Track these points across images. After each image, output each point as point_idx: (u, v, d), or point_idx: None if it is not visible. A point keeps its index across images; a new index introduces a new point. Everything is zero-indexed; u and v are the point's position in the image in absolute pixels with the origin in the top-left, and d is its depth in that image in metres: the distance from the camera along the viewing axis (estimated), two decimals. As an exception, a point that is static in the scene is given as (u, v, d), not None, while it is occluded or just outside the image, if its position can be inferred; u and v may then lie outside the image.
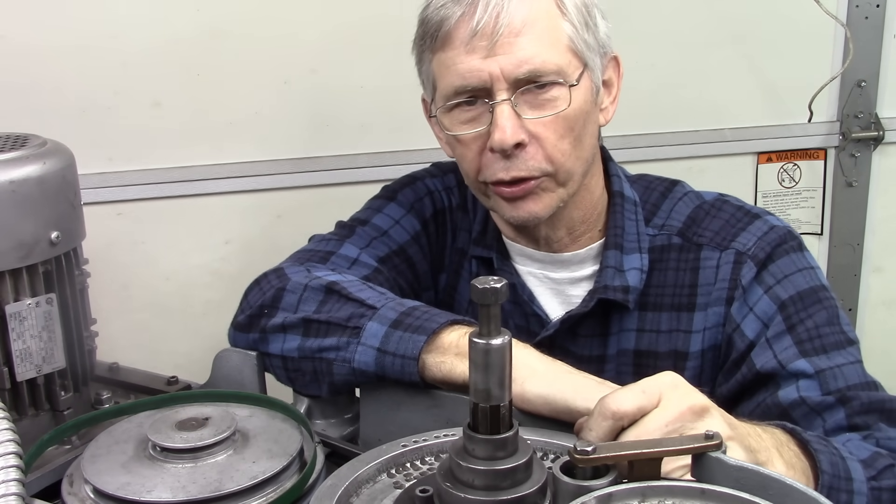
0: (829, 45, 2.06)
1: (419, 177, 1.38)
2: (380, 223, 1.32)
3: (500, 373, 0.74)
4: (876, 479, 0.98)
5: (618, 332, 1.23)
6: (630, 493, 0.72)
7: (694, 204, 1.26)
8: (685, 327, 1.21)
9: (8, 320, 1.09)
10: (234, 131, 1.86)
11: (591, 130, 1.20)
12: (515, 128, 1.12)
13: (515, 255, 1.29)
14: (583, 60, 1.16)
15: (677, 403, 0.84)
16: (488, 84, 1.12)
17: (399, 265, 1.30)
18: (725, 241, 1.21)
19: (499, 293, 0.72)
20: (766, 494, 0.71)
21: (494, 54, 1.11)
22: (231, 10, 1.80)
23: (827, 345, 1.13)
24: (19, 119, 1.45)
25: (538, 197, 1.17)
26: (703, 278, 1.21)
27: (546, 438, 0.92)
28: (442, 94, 1.18)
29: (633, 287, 1.21)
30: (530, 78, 1.12)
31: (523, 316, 1.28)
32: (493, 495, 0.75)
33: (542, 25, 1.12)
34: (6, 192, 1.08)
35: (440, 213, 1.35)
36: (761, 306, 1.16)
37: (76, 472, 0.97)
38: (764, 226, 1.21)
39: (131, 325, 1.84)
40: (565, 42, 1.14)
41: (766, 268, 1.18)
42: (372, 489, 0.86)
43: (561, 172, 1.16)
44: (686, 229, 1.24)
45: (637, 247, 1.23)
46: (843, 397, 1.09)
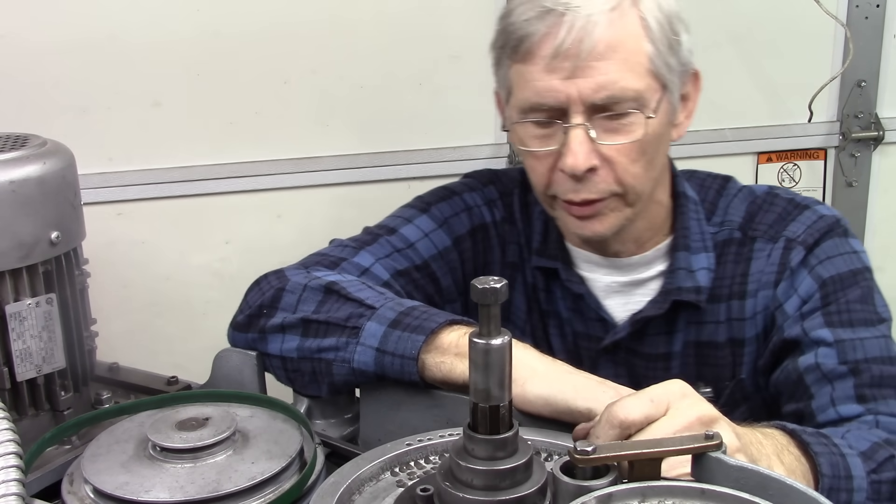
0: (829, 45, 2.06)
1: (457, 191, 1.35)
2: (408, 234, 1.30)
3: (499, 373, 0.74)
4: (876, 471, 0.98)
5: (683, 329, 1.25)
6: (630, 493, 0.72)
7: (748, 199, 1.28)
8: (738, 315, 1.24)
9: (8, 320, 1.09)
10: (234, 131, 1.86)
11: (664, 150, 1.21)
12: (588, 153, 1.12)
13: (581, 262, 1.30)
14: (662, 83, 1.15)
15: (685, 413, 0.83)
16: (565, 105, 1.12)
17: (419, 280, 1.28)
18: (777, 233, 1.24)
19: (498, 293, 0.72)
20: (766, 494, 0.71)
21: (574, 77, 1.10)
22: (231, 10, 1.80)
23: (854, 319, 1.16)
24: (19, 119, 1.45)
25: (605, 217, 1.18)
26: (754, 267, 1.23)
27: (546, 438, 0.92)
28: (517, 106, 1.18)
29: (704, 287, 1.23)
30: (607, 104, 1.11)
31: (584, 322, 1.29)
32: (493, 495, 0.75)
33: (625, 49, 1.11)
34: (6, 192, 1.08)
35: (480, 228, 1.33)
36: (804, 286, 1.20)
37: (76, 472, 0.97)
38: (813, 215, 1.24)
39: (131, 325, 1.84)
40: (646, 65, 1.12)
41: (812, 251, 1.21)
42: (375, 487, 0.86)
43: (630, 194, 1.17)
44: (745, 224, 1.26)
45: (703, 246, 1.26)
46: (855, 368, 1.11)
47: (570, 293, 1.29)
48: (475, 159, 1.96)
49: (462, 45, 1.91)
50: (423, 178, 1.94)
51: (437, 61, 1.91)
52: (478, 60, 1.93)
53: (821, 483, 0.92)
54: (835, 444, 0.97)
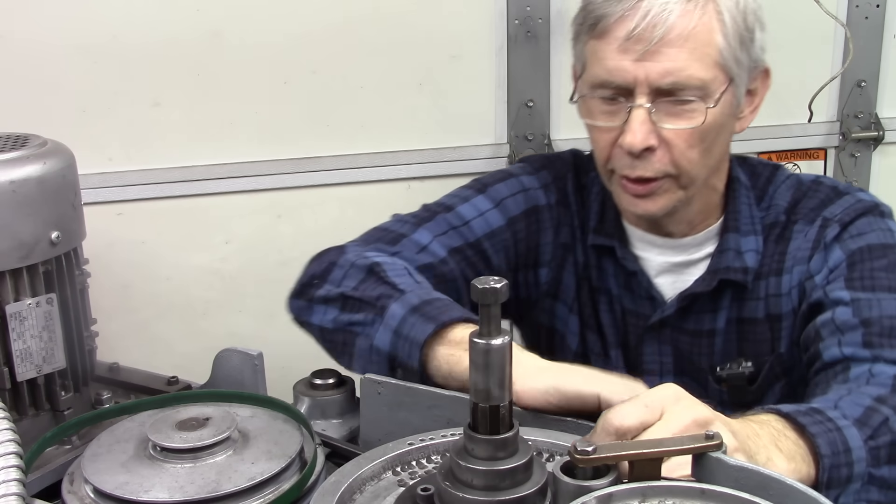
0: (829, 45, 2.06)
1: (514, 173, 1.41)
2: (464, 213, 1.35)
3: (500, 373, 0.74)
4: (873, 437, 0.98)
5: (727, 306, 1.30)
6: (630, 493, 0.72)
7: (795, 187, 1.33)
8: (775, 291, 1.29)
9: (8, 320, 1.09)
10: (234, 131, 1.86)
11: (724, 140, 1.26)
12: (646, 133, 1.18)
13: (636, 241, 1.35)
14: (729, 76, 1.20)
15: (680, 417, 0.83)
16: (631, 86, 1.17)
17: (471, 257, 1.33)
18: (817, 215, 1.29)
19: (498, 293, 0.72)
20: (766, 494, 0.71)
21: (644, 60, 1.16)
22: (231, 10, 1.80)
23: (877, 285, 1.19)
24: (19, 119, 1.45)
25: (657, 197, 1.24)
26: (792, 246, 1.29)
27: (547, 438, 0.92)
28: (588, 81, 1.23)
29: (751, 268, 1.29)
30: (672, 89, 1.17)
31: (634, 299, 1.35)
32: (493, 495, 0.75)
33: (695, 40, 1.16)
34: (6, 192, 1.08)
35: (533, 210, 1.38)
36: (834, 258, 1.24)
37: (77, 471, 0.97)
38: (852, 199, 1.29)
39: (131, 325, 1.84)
40: (715, 57, 1.17)
41: (846, 228, 1.26)
42: (376, 486, 0.86)
43: (684, 177, 1.22)
44: (789, 209, 1.31)
45: (752, 229, 1.31)
46: (867, 321, 1.14)
47: (623, 271, 1.35)
48: (475, 159, 1.96)
49: (462, 45, 1.92)
50: (423, 178, 1.94)
51: (437, 61, 1.91)
52: (478, 60, 1.95)
53: (821, 464, 0.92)
54: (829, 418, 0.97)
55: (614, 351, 1.38)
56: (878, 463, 0.98)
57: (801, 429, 0.94)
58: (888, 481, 0.98)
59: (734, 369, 1.30)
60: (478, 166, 1.95)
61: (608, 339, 1.38)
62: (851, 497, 0.95)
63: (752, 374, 1.30)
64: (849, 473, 0.94)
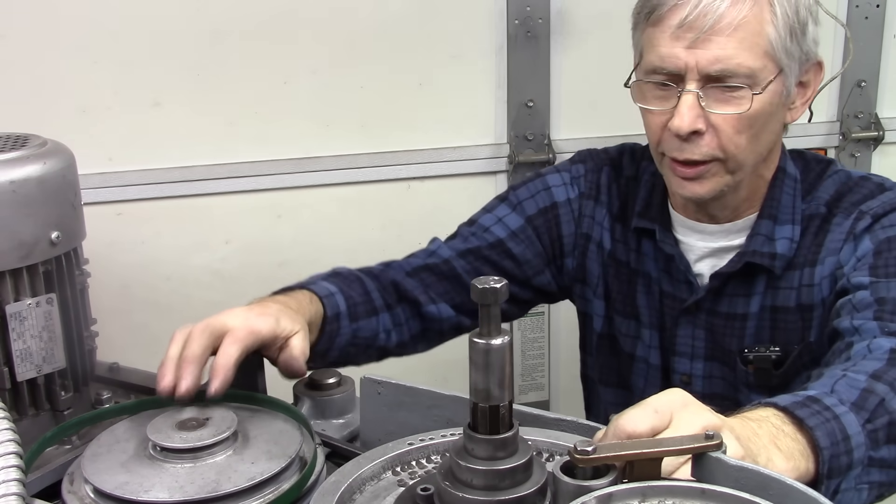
0: (829, 45, 2.05)
1: (543, 173, 1.52)
2: (484, 222, 1.47)
3: (499, 373, 0.74)
4: (870, 420, 0.99)
5: (761, 292, 1.34)
6: (630, 493, 0.72)
7: (842, 181, 1.36)
8: (808, 282, 1.32)
9: (8, 320, 1.09)
10: (234, 131, 1.86)
11: (773, 128, 1.30)
12: (694, 117, 1.23)
13: (677, 226, 1.40)
14: (779, 66, 1.24)
15: (690, 423, 0.82)
16: (682, 72, 1.23)
17: (490, 256, 1.45)
18: (855, 209, 1.31)
19: (498, 293, 0.72)
20: (766, 494, 0.71)
21: (695, 47, 1.21)
22: (231, 10, 1.80)
23: None
24: (19, 119, 1.45)
25: (705, 181, 1.28)
26: (829, 238, 1.32)
27: (547, 438, 0.92)
28: (643, 67, 1.29)
29: (781, 254, 1.32)
30: (720, 76, 1.21)
31: (672, 283, 1.40)
32: (493, 495, 0.75)
33: (746, 29, 1.20)
34: (6, 192, 1.08)
35: (552, 207, 1.48)
36: (863, 248, 1.27)
37: (76, 471, 0.97)
38: (893, 194, 1.31)
39: (131, 325, 1.84)
40: (765, 47, 1.22)
41: (878, 220, 1.28)
42: (376, 486, 0.86)
43: (731, 161, 1.27)
44: (832, 202, 1.34)
45: (791, 218, 1.34)
46: (881, 300, 1.17)
47: (663, 254, 1.40)
48: (475, 159, 1.96)
49: (462, 45, 1.92)
50: (423, 178, 1.94)
51: (437, 61, 1.91)
52: (478, 60, 1.95)
53: (821, 456, 0.92)
54: (827, 406, 0.97)
55: (648, 332, 1.44)
56: (877, 445, 0.98)
57: (800, 422, 0.94)
58: (888, 461, 0.99)
59: (761, 352, 1.35)
60: (478, 166, 1.95)
61: (643, 320, 1.44)
62: (853, 481, 0.96)
63: (779, 359, 1.34)
64: (849, 461, 0.95)
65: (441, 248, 1.45)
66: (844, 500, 0.95)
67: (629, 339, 1.46)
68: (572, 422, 0.95)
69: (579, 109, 1.65)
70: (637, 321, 1.45)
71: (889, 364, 1.06)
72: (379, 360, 1.41)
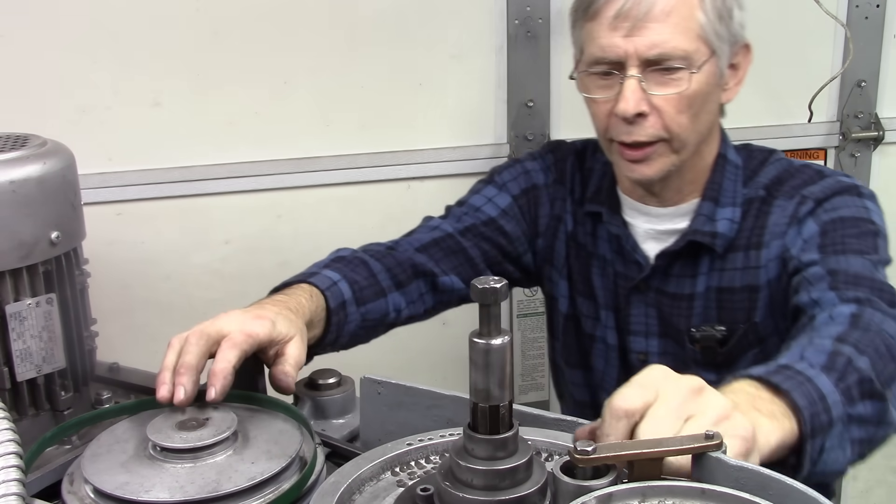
0: (829, 45, 2.05)
1: (521, 160, 1.61)
2: (474, 202, 1.55)
3: (499, 373, 0.74)
4: (842, 379, 1.01)
5: (706, 273, 1.43)
6: (630, 493, 0.72)
7: (783, 167, 1.44)
8: (754, 263, 1.39)
9: (8, 320, 1.09)
10: (234, 131, 1.86)
11: (710, 108, 1.38)
12: (638, 100, 1.31)
13: (626, 209, 1.49)
14: (711, 48, 1.33)
15: (676, 389, 0.83)
16: (623, 59, 1.31)
17: (487, 233, 1.53)
18: (797, 192, 1.39)
19: (499, 293, 0.73)
20: (766, 494, 0.71)
21: (632, 35, 1.30)
22: (231, 10, 1.80)
23: (847, 249, 1.28)
24: (19, 119, 1.45)
25: (652, 161, 1.36)
26: (771, 221, 1.39)
27: (546, 438, 0.92)
28: (585, 60, 1.37)
29: (722, 234, 1.40)
30: (658, 60, 1.30)
31: (624, 263, 1.49)
32: (493, 495, 0.75)
33: (678, 14, 1.30)
34: (6, 192, 1.09)
35: (533, 188, 1.57)
36: (808, 231, 1.34)
37: (76, 471, 0.97)
38: (833, 180, 1.39)
39: (131, 325, 1.84)
40: (697, 31, 1.31)
41: (821, 205, 1.35)
42: (375, 487, 0.86)
43: (676, 141, 1.35)
44: (771, 185, 1.42)
45: (732, 201, 1.42)
46: (833, 271, 1.24)
47: (614, 236, 1.49)
48: (475, 159, 1.96)
49: (462, 45, 1.92)
50: (423, 178, 1.94)
51: (437, 61, 1.91)
52: (478, 60, 1.95)
53: (802, 415, 0.93)
54: (799, 371, 0.98)
55: (605, 312, 1.52)
56: (853, 402, 1.01)
57: (775, 387, 0.96)
58: (865, 417, 1.02)
59: (707, 331, 1.43)
60: (478, 166, 1.95)
61: (599, 301, 1.52)
62: (836, 439, 0.97)
63: (725, 338, 1.42)
64: (829, 419, 0.96)
65: (443, 224, 1.51)
66: (830, 460, 0.97)
67: (590, 319, 1.54)
68: (572, 422, 0.95)
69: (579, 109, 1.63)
70: (595, 302, 1.53)
71: (851, 327, 1.10)
72: (384, 333, 1.46)
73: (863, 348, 1.06)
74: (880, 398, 1.04)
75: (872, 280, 1.22)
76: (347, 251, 1.42)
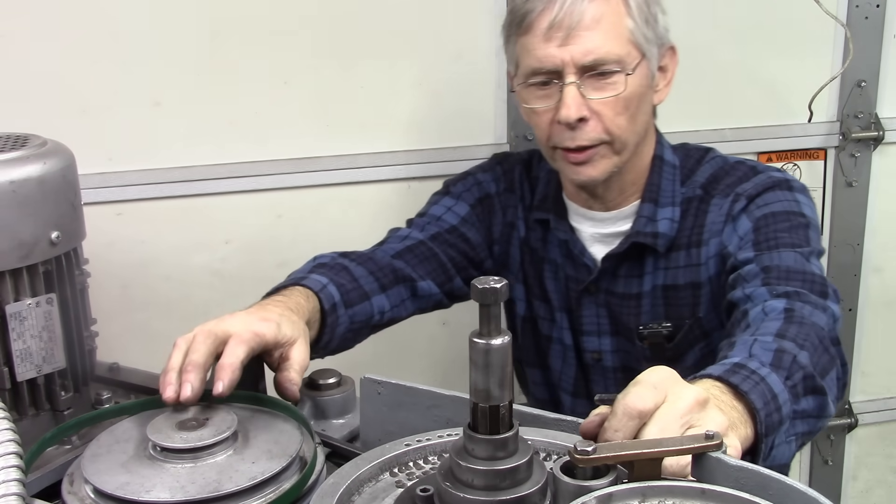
0: (829, 45, 2.05)
1: (472, 172, 1.66)
2: (435, 212, 1.60)
3: (499, 373, 0.74)
4: (789, 377, 1.04)
5: (652, 272, 1.48)
6: (630, 493, 0.72)
7: (718, 165, 1.50)
8: (695, 261, 1.45)
9: (8, 320, 1.09)
10: (234, 131, 1.86)
11: (645, 109, 1.44)
12: (579, 105, 1.36)
13: (572, 215, 1.55)
14: (641, 51, 1.38)
15: (685, 397, 0.84)
16: (560, 68, 1.36)
17: (451, 240, 1.57)
18: (731, 190, 1.44)
19: (498, 293, 0.73)
20: (766, 494, 0.71)
21: (567, 44, 1.34)
22: (231, 10, 1.80)
23: (780, 244, 1.33)
24: (19, 119, 1.45)
25: (596, 163, 1.41)
26: (709, 219, 1.45)
27: (546, 438, 0.92)
28: (522, 73, 1.42)
29: (663, 233, 1.46)
30: (594, 65, 1.35)
31: (574, 267, 1.54)
32: (493, 495, 0.75)
33: (608, 21, 1.35)
34: (6, 192, 1.09)
35: (487, 197, 1.62)
36: (742, 228, 1.39)
37: (77, 471, 0.97)
38: (765, 176, 1.44)
39: (131, 325, 1.84)
40: (627, 36, 1.36)
41: (753, 200, 1.41)
42: (374, 488, 0.86)
43: (616, 142, 1.40)
44: (708, 184, 1.47)
45: (671, 201, 1.47)
46: (767, 268, 1.29)
47: (562, 241, 1.54)
48: (475, 159, 1.95)
49: (462, 45, 1.92)
50: (423, 178, 1.94)
51: (437, 61, 1.91)
52: (478, 60, 1.94)
53: (758, 417, 0.95)
54: (753, 370, 1.01)
55: (559, 314, 1.57)
56: (798, 398, 1.05)
57: (734, 388, 0.97)
58: (808, 411, 1.06)
59: (654, 328, 1.48)
60: (478, 166, 1.95)
61: (553, 303, 1.58)
62: (784, 436, 1.01)
63: (671, 334, 1.48)
64: (779, 418, 0.99)
65: (412, 233, 1.55)
66: (778, 455, 1.00)
67: (546, 321, 1.60)
68: (572, 422, 0.95)
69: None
70: (549, 304, 1.58)
71: (787, 322, 1.15)
72: (369, 336, 1.48)
73: (801, 343, 1.10)
74: (821, 392, 1.08)
75: (804, 273, 1.28)
76: (327, 257, 1.44)
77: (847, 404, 2.28)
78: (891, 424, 2.33)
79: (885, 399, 2.31)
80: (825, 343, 1.14)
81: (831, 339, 1.17)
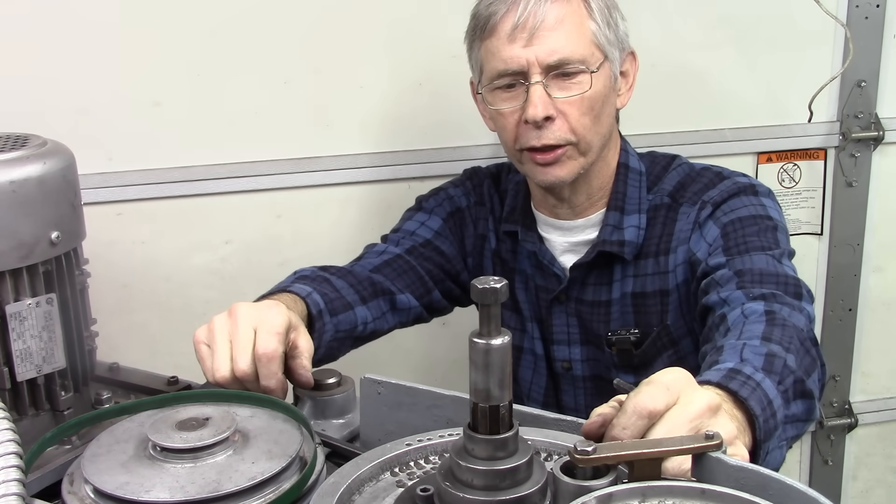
0: (829, 45, 2.05)
1: (443, 188, 1.68)
2: (409, 227, 1.63)
3: (500, 373, 0.74)
4: (781, 382, 1.04)
5: (620, 279, 1.50)
6: (630, 493, 0.72)
7: (685, 172, 1.51)
8: (663, 269, 1.47)
9: (8, 320, 1.09)
10: (234, 131, 1.86)
11: (609, 111, 1.45)
12: (545, 104, 1.37)
13: (541, 225, 1.56)
14: (604, 53, 1.41)
15: (697, 400, 0.84)
16: (525, 68, 1.37)
17: (426, 253, 1.60)
18: (698, 198, 1.46)
19: (498, 293, 0.73)
20: (766, 494, 0.71)
21: (531, 45, 1.36)
22: (231, 10, 1.80)
23: (750, 247, 1.35)
24: (19, 119, 1.45)
25: (563, 164, 1.42)
26: (677, 227, 1.46)
27: (546, 438, 0.92)
28: (487, 76, 1.44)
29: (630, 241, 1.47)
30: (559, 65, 1.37)
31: (544, 277, 1.55)
32: (493, 495, 0.75)
33: (571, 22, 1.37)
34: (6, 192, 1.09)
35: (458, 211, 1.65)
36: (710, 234, 1.41)
37: (77, 471, 0.97)
38: (730, 182, 1.46)
39: (131, 325, 1.84)
40: (589, 37, 1.39)
41: (719, 207, 1.43)
42: (374, 487, 0.86)
43: (582, 143, 1.41)
44: (675, 192, 1.49)
45: (637, 209, 1.49)
46: (740, 272, 1.30)
47: (531, 252, 1.56)
48: (475, 159, 1.95)
49: (462, 45, 1.91)
50: (423, 178, 1.94)
51: (437, 61, 1.91)
52: (478, 60, 1.94)
53: (757, 424, 0.95)
54: (748, 376, 1.00)
55: (530, 324, 1.59)
56: (788, 403, 1.04)
57: (734, 394, 0.97)
58: (798, 416, 1.06)
59: (622, 335, 1.50)
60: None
61: (524, 314, 1.59)
62: (776, 441, 1.00)
63: (639, 340, 1.49)
64: (774, 423, 0.99)
65: (389, 248, 1.58)
66: (771, 459, 1.00)
67: (517, 332, 1.60)
68: (572, 422, 0.95)
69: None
70: (521, 315, 1.60)
71: (769, 324, 1.15)
72: (351, 349, 1.49)
73: (787, 345, 1.10)
74: (809, 396, 1.08)
75: (777, 275, 1.29)
76: (307, 270, 1.46)
77: (847, 404, 2.28)
78: (891, 424, 2.33)
79: (885, 399, 2.31)
80: (806, 345, 1.15)
81: (811, 340, 1.17)
